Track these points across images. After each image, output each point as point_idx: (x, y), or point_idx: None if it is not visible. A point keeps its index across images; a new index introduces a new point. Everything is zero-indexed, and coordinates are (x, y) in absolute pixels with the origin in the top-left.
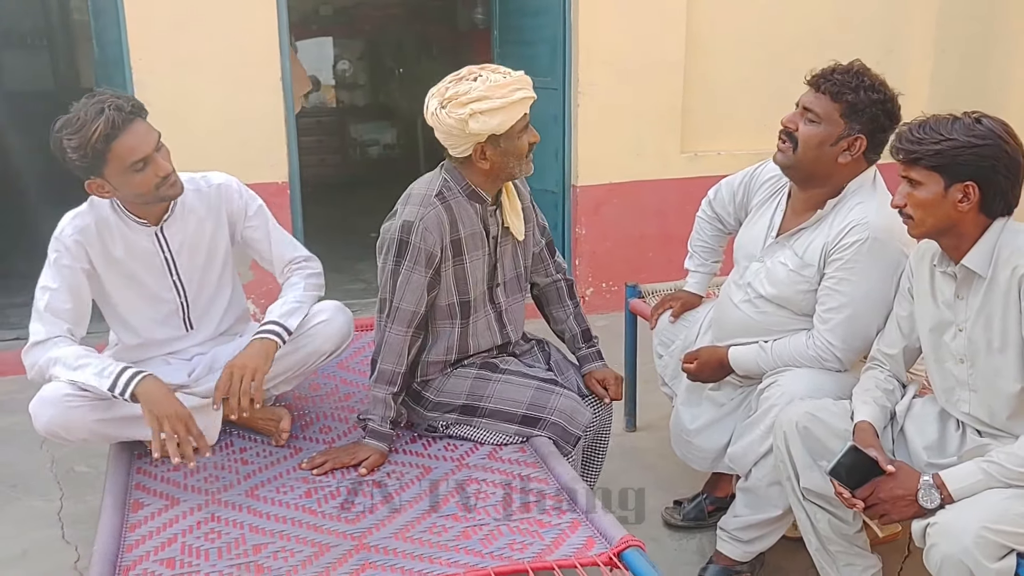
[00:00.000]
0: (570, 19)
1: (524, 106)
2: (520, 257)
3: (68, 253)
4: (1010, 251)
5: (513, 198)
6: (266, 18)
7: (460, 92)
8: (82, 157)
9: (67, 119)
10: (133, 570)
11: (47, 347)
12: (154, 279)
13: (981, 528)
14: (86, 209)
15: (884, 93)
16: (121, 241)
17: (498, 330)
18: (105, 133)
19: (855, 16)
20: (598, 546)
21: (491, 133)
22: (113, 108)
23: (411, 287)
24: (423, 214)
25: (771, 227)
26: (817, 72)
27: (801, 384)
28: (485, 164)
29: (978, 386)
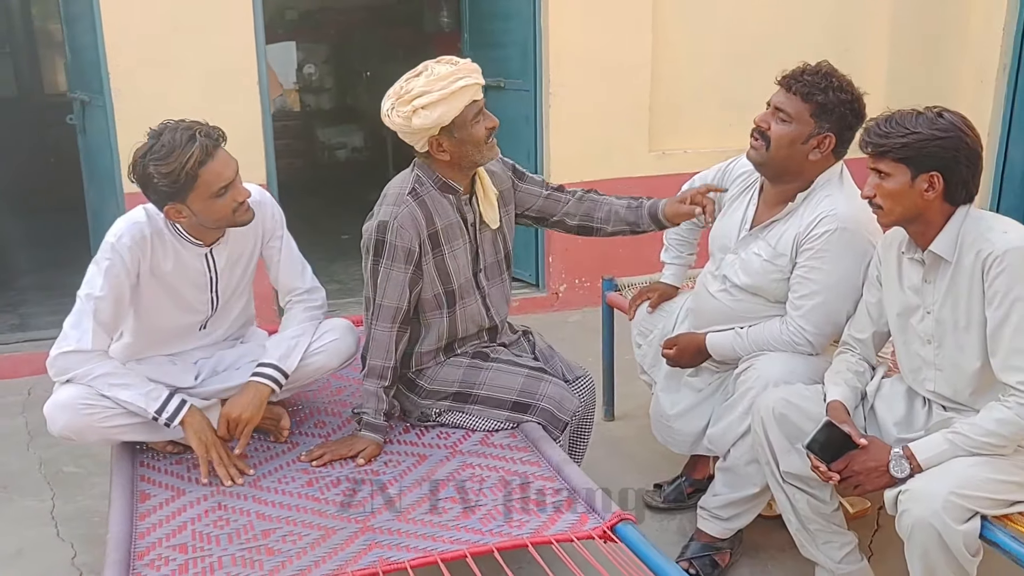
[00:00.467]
0: (540, 22)
1: (468, 94)
2: (500, 243)
3: (122, 262)
4: (973, 236)
5: (487, 188)
6: (242, 22)
7: (407, 90)
8: (172, 183)
9: (154, 146)
10: (147, 555)
11: (88, 358)
12: (195, 294)
13: (949, 493)
14: (144, 220)
15: (851, 93)
16: (173, 256)
17: (484, 313)
18: (199, 160)
19: (813, 16)
20: (592, 521)
21: (439, 125)
22: (203, 135)
23: (392, 284)
24: (396, 213)
25: (744, 220)
26: (788, 73)
27: (776, 368)
28: (444, 155)
29: (943, 365)
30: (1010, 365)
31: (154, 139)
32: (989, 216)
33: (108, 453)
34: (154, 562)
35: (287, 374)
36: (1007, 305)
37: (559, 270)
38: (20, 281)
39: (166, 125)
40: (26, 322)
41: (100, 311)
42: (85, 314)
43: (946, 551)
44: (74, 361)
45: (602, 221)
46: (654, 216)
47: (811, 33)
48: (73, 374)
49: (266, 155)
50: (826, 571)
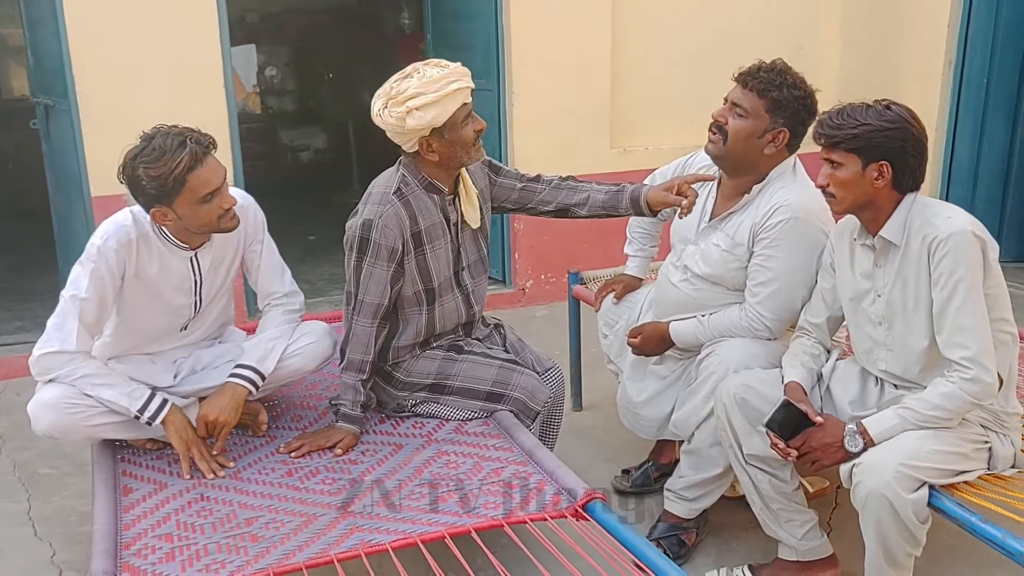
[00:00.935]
0: (502, 23)
1: (460, 97)
2: (481, 241)
3: (107, 264)
4: (920, 222)
5: (469, 188)
6: (207, 25)
7: (400, 90)
8: (159, 187)
9: (144, 149)
10: (134, 545)
11: (72, 359)
12: (179, 297)
13: (899, 465)
14: (131, 223)
15: (804, 90)
16: (158, 260)
17: (465, 309)
18: (188, 165)
19: (769, 15)
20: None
21: (432, 127)
22: (194, 141)
23: (374, 281)
24: (382, 212)
25: (704, 212)
26: (744, 70)
27: (736, 353)
28: (434, 156)
29: (894, 345)
30: (954, 342)
31: (146, 142)
32: (935, 203)
33: (83, 455)
34: (141, 551)
35: (264, 376)
36: (951, 286)
37: (525, 266)
38: None
39: (159, 129)
40: None
41: (85, 312)
42: (70, 315)
43: (897, 519)
44: (58, 361)
45: (578, 205)
46: (635, 202)
47: (767, 32)
48: (56, 374)
49: (233, 158)
50: (788, 548)
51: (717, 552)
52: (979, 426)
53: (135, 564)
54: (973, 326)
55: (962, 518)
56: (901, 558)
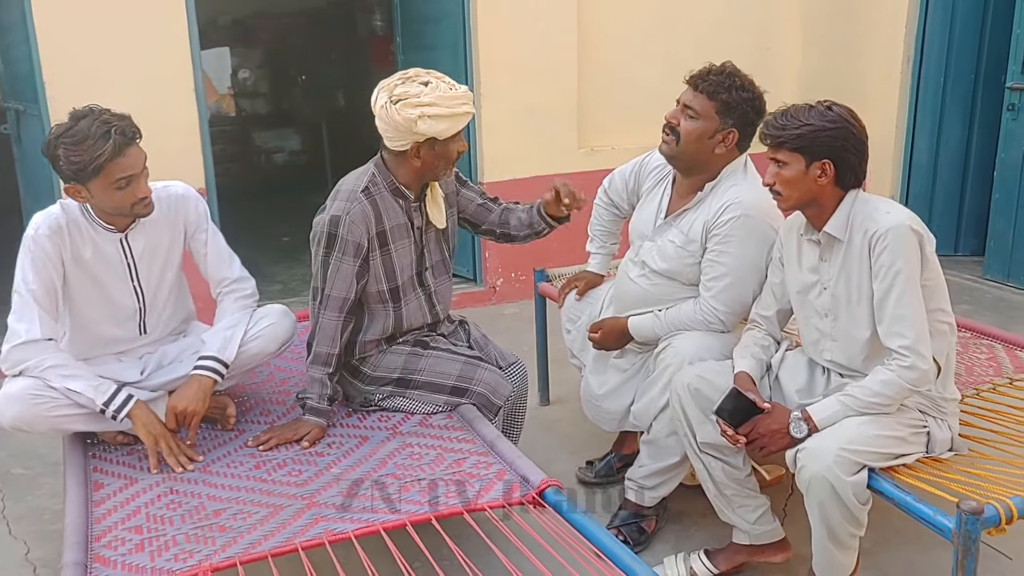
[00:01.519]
0: (470, 25)
1: (466, 120)
2: (444, 242)
3: (44, 250)
4: (862, 217)
5: (435, 193)
6: (177, 28)
7: (411, 93)
8: (77, 170)
9: (68, 131)
10: (104, 537)
11: (42, 348)
12: (116, 283)
13: (839, 449)
14: (58, 211)
15: (752, 92)
16: (90, 243)
17: (428, 309)
18: (109, 156)
19: (733, 18)
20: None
21: (435, 136)
22: (119, 132)
23: (340, 276)
24: (349, 208)
25: (660, 210)
26: (695, 73)
27: (691, 345)
28: (417, 162)
29: (839, 336)
30: (893, 331)
31: (72, 122)
32: (875, 199)
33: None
34: (111, 543)
35: (227, 364)
36: (890, 278)
37: (495, 265)
38: None
39: (91, 110)
40: None
41: (39, 299)
42: (26, 306)
43: (839, 501)
44: (27, 352)
45: (516, 229)
46: (540, 214)
47: (732, 33)
48: (25, 365)
49: (204, 160)
50: (742, 532)
51: (676, 539)
52: (917, 411)
53: (105, 555)
54: (910, 316)
55: (898, 498)
56: (845, 539)
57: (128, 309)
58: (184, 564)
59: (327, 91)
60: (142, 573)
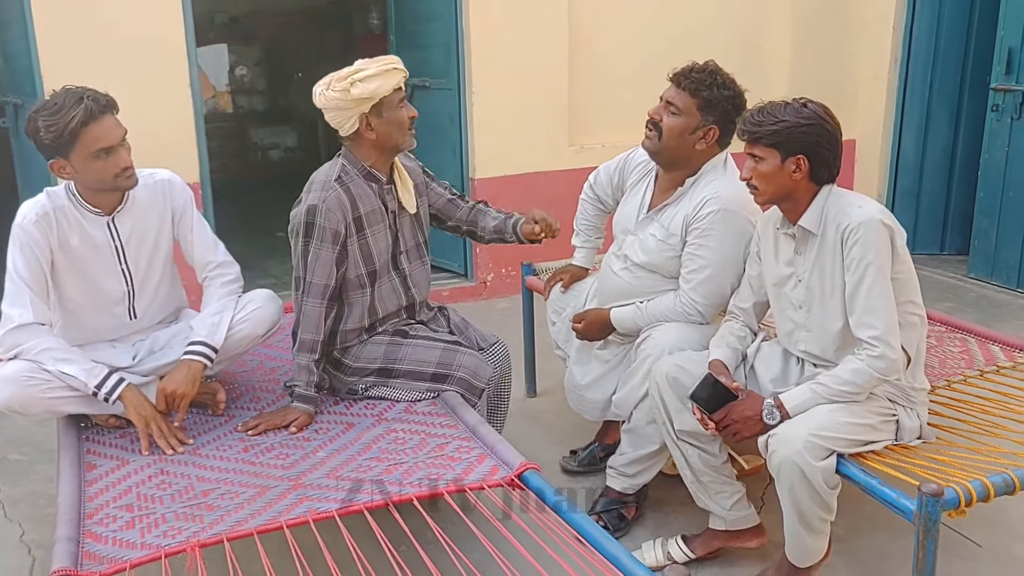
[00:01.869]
0: (462, 24)
1: (397, 76)
2: (418, 228)
3: (31, 237)
4: (835, 212)
5: (404, 177)
6: (173, 24)
7: (339, 75)
8: (55, 138)
9: (44, 103)
10: (97, 515)
11: (36, 331)
12: (104, 267)
13: (809, 435)
14: (44, 199)
15: (733, 90)
16: (77, 229)
17: (403, 292)
18: (82, 120)
19: (723, 17)
20: (502, 471)
21: (372, 101)
22: (91, 99)
23: (320, 263)
24: (325, 197)
25: (642, 204)
26: (678, 70)
27: (670, 336)
28: (372, 135)
29: (812, 327)
30: (863, 322)
31: (47, 101)
32: (848, 194)
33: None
34: (103, 520)
35: (216, 348)
36: (861, 270)
37: (486, 260)
38: None
39: (65, 88)
40: None
41: (30, 285)
42: (19, 291)
43: (808, 485)
44: (21, 336)
45: (483, 230)
46: (515, 230)
47: (722, 32)
48: (20, 349)
49: (199, 156)
50: (718, 518)
51: (655, 525)
52: (887, 400)
53: (97, 531)
54: (880, 307)
55: (864, 482)
56: (815, 523)
57: (116, 292)
58: (173, 540)
59: None
60: (133, 548)
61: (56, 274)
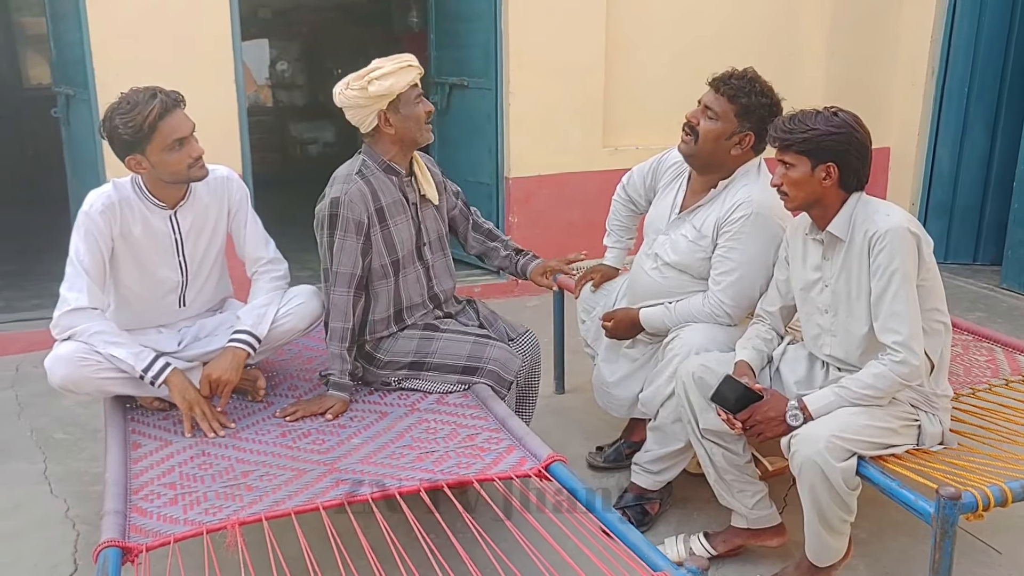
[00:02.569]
0: (501, 25)
1: (412, 73)
2: (440, 221)
3: (95, 225)
4: (863, 218)
5: (424, 170)
6: (219, 20)
7: (355, 75)
8: (135, 132)
9: (118, 104)
10: (142, 491)
11: (88, 315)
12: (163, 258)
13: (830, 436)
14: (111, 189)
15: (771, 98)
16: (141, 220)
17: (426, 283)
18: (159, 113)
19: (759, 23)
20: (530, 463)
21: (389, 97)
22: (163, 94)
23: (346, 252)
24: (347, 189)
25: (674, 205)
26: (718, 76)
27: (699, 337)
28: (391, 130)
29: (838, 331)
30: (887, 327)
31: (119, 101)
32: (876, 201)
33: (95, 423)
34: (148, 496)
35: (259, 338)
36: (887, 277)
37: None
38: (2, 267)
39: (134, 89)
40: (11, 304)
41: (89, 271)
42: (77, 276)
43: (829, 485)
44: (75, 319)
45: (491, 252)
46: (524, 271)
47: (757, 38)
48: (73, 331)
49: (242, 149)
50: (740, 516)
51: (678, 521)
52: (909, 405)
53: (143, 506)
54: (904, 313)
55: (883, 484)
56: (836, 523)
57: (171, 282)
58: (214, 517)
59: None
60: (176, 523)
61: (115, 261)
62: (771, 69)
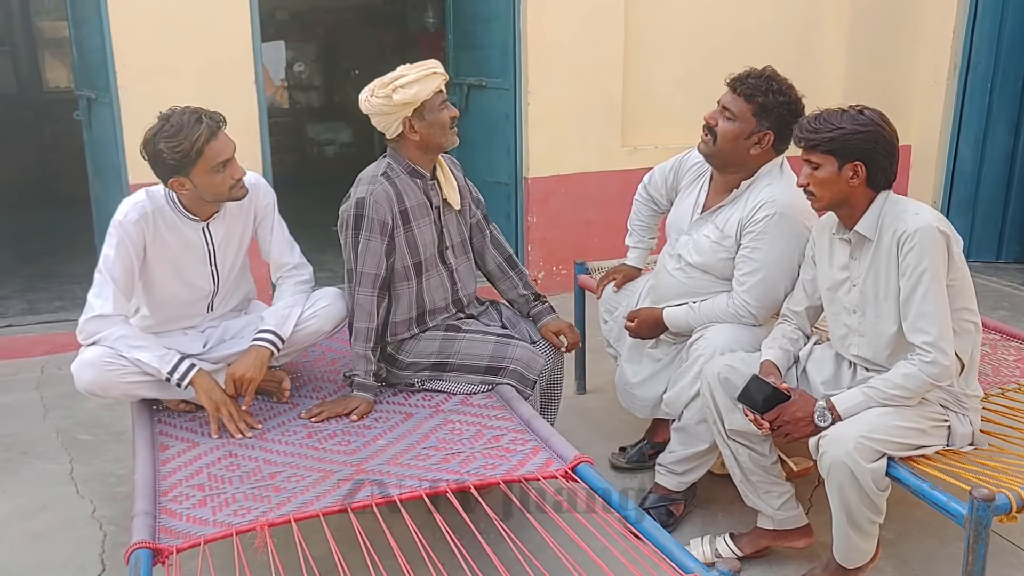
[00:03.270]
0: (519, 25)
1: (437, 80)
2: (463, 225)
3: (128, 236)
4: (892, 218)
5: (447, 174)
6: (240, 23)
7: (381, 82)
8: (181, 157)
9: (161, 127)
10: (171, 492)
11: (112, 322)
12: (196, 268)
13: (860, 437)
14: (144, 199)
15: (789, 96)
16: (174, 231)
17: (450, 287)
18: (206, 138)
19: (777, 21)
20: (556, 464)
21: (414, 104)
22: (208, 117)
23: (370, 253)
24: (372, 190)
25: (696, 205)
26: (735, 76)
27: (723, 337)
28: (415, 136)
29: (865, 331)
30: (916, 327)
31: (164, 121)
32: (905, 200)
33: (119, 424)
34: (176, 498)
35: (283, 339)
36: (916, 276)
37: (537, 258)
38: (25, 269)
39: (174, 109)
40: (34, 307)
41: (117, 279)
42: (105, 283)
43: (858, 486)
44: (100, 324)
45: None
46: (536, 319)
47: (776, 36)
48: (98, 336)
49: (262, 150)
50: (766, 517)
51: (703, 523)
52: (939, 406)
53: (172, 508)
54: (934, 313)
55: (914, 485)
56: (864, 524)
57: (204, 291)
58: (243, 519)
59: None
60: (205, 525)
61: (148, 267)
62: (790, 67)
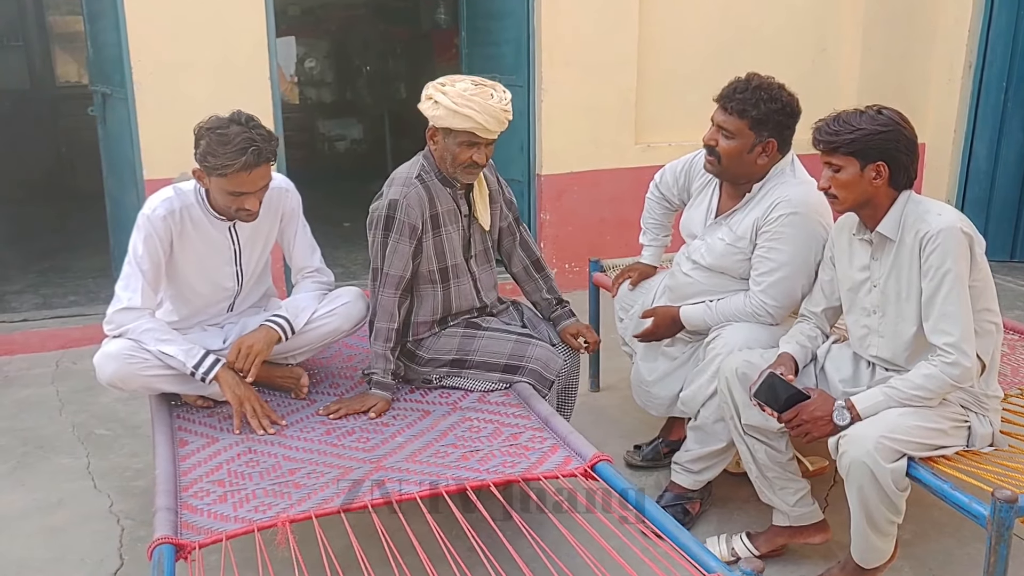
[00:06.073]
0: (533, 22)
1: (467, 124)
2: (488, 235)
3: (155, 231)
4: (914, 218)
5: (483, 188)
6: (255, 19)
7: (443, 81)
8: (210, 163)
9: (220, 128)
10: (191, 488)
11: (140, 314)
12: (221, 267)
13: (880, 437)
14: (173, 195)
15: (781, 99)
16: (201, 228)
17: (474, 294)
18: (236, 169)
19: (792, 18)
20: (575, 462)
21: (436, 121)
22: (254, 153)
23: (398, 255)
24: (406, 193)
25: (710, 211)
26: (722, 92)
27: (740, 336)
28: (433, 145)
29: (885, 332)
30: (938, 329)
31: (227, 122)
32: (927, 200)
33: (135, 418)
34: (197, 493)
35: (294, 328)
36: (939, 277)
37: (551, 255)
38: (38, 265)
39: (249, 119)
40: (48, 302)
41: (145, 273)
42: (133, 276)
43: (877, 486)
44: (127, 316)
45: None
46: (556, 322)
47: (791, 33)
48: (125, 328)
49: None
50: (782, 514)
51: (719, 521)
52: (959, 406)
53: (193, 504)
54: (956, 314)
55: (935, 486)
56: (883, 525)
57: (228, 291)
58: (264, 515)
59: (390, 82)
60: (227, 521)
61: (174, 263)
62: (804, 65)
